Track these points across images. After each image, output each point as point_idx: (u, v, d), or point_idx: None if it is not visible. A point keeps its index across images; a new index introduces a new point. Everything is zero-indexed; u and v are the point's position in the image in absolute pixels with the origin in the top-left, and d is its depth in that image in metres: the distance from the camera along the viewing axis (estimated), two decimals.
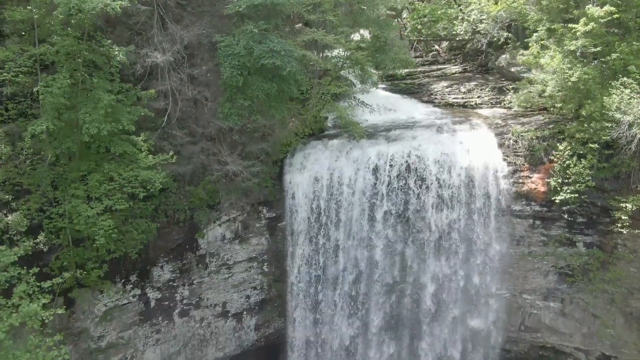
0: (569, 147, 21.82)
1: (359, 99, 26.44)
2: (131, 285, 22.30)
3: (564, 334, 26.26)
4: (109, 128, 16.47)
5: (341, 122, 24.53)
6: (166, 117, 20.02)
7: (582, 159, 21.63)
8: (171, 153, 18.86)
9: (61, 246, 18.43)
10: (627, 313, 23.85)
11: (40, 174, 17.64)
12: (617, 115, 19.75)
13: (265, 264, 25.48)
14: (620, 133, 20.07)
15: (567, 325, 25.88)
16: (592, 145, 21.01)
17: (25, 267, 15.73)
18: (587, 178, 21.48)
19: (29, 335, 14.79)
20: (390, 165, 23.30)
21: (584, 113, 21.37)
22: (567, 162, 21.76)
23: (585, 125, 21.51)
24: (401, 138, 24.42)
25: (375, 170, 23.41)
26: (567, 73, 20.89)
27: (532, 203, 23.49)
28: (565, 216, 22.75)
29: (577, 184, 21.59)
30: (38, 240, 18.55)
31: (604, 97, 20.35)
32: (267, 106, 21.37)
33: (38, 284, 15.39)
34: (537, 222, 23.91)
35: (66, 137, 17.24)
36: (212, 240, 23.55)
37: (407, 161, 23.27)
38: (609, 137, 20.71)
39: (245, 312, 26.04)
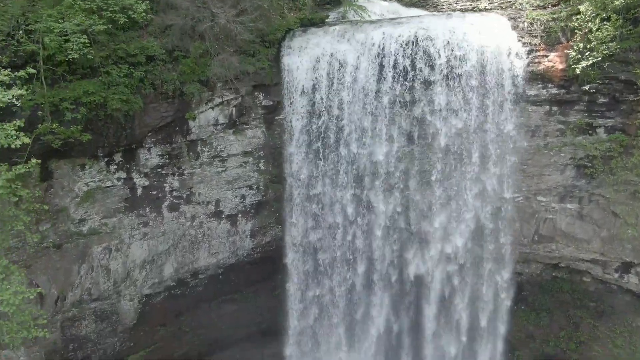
0: (590, 7, 20.10)
1: None
2: (115, 166, 20.63)
3: (581, 241, 24.51)
4: None
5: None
6: None
7: (605, 22, 19.94)
8: None
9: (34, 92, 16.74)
10: None
11: (12, 4, 15.93)
12: None
13: (262, 161, 23.74)
14: None
15: (585, 230, 24.15)
16: (616, 2, 19.24)
17: None
18: (610, 44, 19.80)
19: None
20: (396, 46, 21.66)
21: None
22: (589, 24, 20.04)
23: None
24: (407, 22, 22.93)
25: (381, 51, 21.74)
26: None
27: (549, 85, 21.77)
28: (587, 88, 20.83)
29: (601, 50, 19.84)
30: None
31: None
32: None
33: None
34: (554, 108, 22.20)
35: None
36: (204, 124, 21.82)
37: (414, 40, 21.63)
38: None
39: (240, 215, 24.29)
